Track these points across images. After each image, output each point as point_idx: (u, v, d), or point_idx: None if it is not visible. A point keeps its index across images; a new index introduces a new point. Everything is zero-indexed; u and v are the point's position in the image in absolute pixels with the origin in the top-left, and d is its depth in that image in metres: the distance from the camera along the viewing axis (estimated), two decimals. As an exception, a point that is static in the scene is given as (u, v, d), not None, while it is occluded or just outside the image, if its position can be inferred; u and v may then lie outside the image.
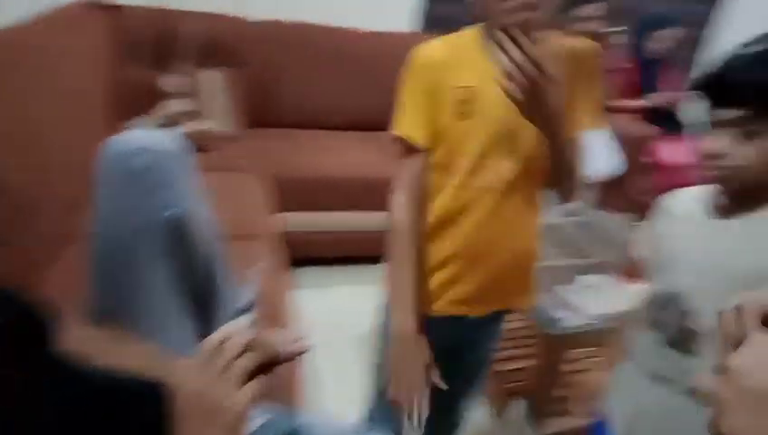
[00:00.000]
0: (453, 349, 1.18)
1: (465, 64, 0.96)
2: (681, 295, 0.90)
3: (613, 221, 2.60)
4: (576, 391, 1.50)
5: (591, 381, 1.13)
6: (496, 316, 1.14)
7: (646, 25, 3.01)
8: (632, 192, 2.92)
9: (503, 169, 0.97)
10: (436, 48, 0.99)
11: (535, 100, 0.83)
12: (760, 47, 0.77)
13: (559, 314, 1.41)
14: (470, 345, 1.11)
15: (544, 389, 1.54)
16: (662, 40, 3.00)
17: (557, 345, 1.45)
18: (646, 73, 3.08)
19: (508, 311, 1.15)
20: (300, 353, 1.22)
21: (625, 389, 1.02)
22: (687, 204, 0.95)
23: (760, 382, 0.38)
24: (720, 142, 0.79)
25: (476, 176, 0.98)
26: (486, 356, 1.21)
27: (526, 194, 1.01)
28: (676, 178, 2.93)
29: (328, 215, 2.39)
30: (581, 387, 1.15)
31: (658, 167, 2.94)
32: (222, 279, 0.99)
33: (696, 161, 2.83)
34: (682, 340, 0.90)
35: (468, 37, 0.98)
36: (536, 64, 0.79)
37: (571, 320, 1.38)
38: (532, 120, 0.89)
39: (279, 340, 1.17)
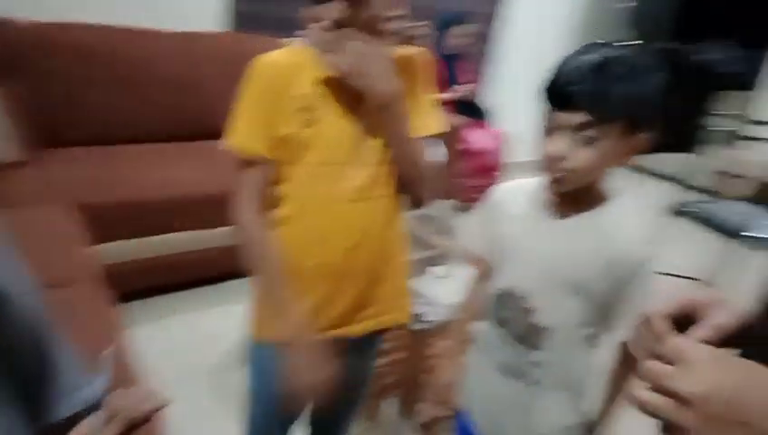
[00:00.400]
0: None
1: (307, 73, 0.94)
2: (522, 293, 0.93)
3: (446, 209, 2.78)
4: (437, 380, 1.55)
5: (445, 370, 1.14)
6: (373, 336, 1.13)
7: (443, 23, 3.25)
8: (452, 178, 3.15)
9: (351, 176, 0.96)
10: (277, 57, 0.95)
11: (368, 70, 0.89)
12: (598, 56, 0.80)
13: (419, 308, 1.45)
14: (350, 368, 1.08)
15: (412, 381, 1.58)
16: (458, 36, 3.27)
17: (420, 339, 1.49)
18: (447, 68, 3.34)
19: (385, 330, 1.14)
20: (157, 410, 1.09)
21: (477, 381, 1.05)
22: (520, 201, 0.97)
23: (727, 407, 0.41)
24: (560, 145, 0.82)
25: (325, 185, 0.96)
26: (367, 376, 1.19)
27: (381, 201, 1.01)
28: (483, 161, 3.25)
29: (152, 240, 2.15)
30: (439, 376, 1.16)
31: (469, 153, 3.22)
32: (55, 355, 0.82)
33: (497, 146, 3.12)
34: (527, 335, 0.94)
35: (308, 48, 0.95)
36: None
37: (431, 314, 1.43)
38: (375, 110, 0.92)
39: (133, 402, 1.03)
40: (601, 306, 0.90)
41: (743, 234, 2.37)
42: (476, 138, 3.27)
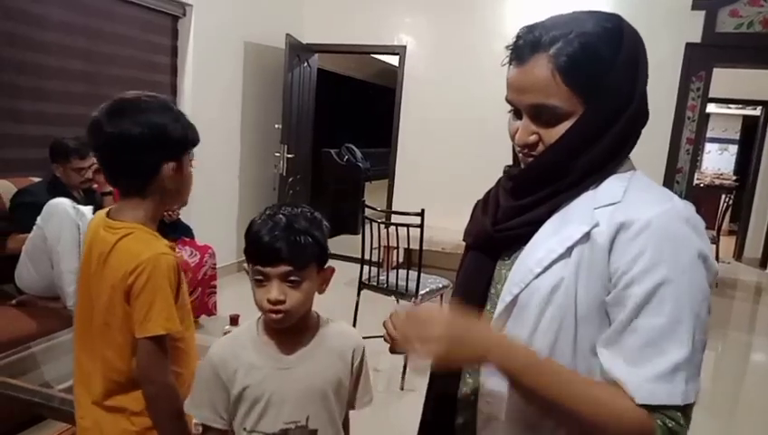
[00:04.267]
0: None
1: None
2: (300, 424, 1.01)
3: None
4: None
5: None
6: None
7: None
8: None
9: None
10: (173, 257, 1.20)
11: None
12: (282, 217, 0.97)
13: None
14: None
15: None
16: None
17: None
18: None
19: None
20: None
21: None
22: (246, 352, 1.03)
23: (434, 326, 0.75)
24: (275, 293, 0.96)
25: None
26: None
27: None
28: (199, 275, 3.27)
29: None
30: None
31: (187, 270, 3.19)
32: None
33: (209, 257, 3.25)
34: None
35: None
36: None
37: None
38: None
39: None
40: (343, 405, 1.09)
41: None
42: (188, 255, 3.27)
